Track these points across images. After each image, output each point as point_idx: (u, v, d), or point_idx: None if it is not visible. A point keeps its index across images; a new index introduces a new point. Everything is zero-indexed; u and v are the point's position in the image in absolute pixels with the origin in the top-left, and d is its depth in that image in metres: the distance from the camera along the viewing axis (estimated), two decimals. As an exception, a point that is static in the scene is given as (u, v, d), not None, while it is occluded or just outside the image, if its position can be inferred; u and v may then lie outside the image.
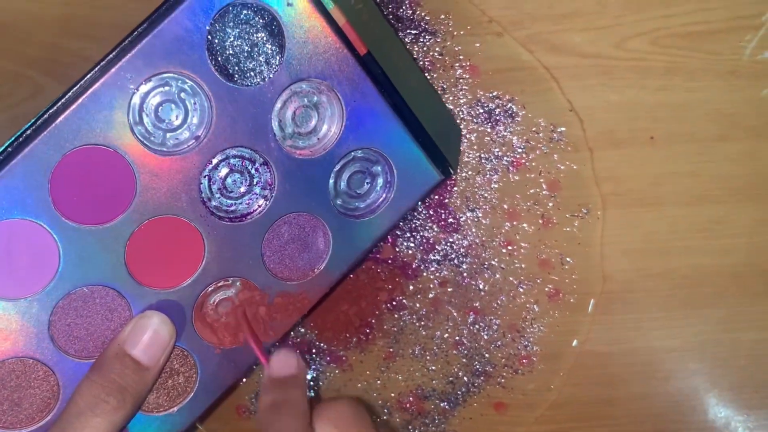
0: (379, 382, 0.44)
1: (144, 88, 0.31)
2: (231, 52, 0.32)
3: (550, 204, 0.41)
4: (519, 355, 0.43)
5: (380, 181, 0.36)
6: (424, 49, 0.40)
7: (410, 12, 0.40)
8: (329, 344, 0.43)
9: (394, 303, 0.42)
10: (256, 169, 0.34)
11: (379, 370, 0.43)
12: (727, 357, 0.42)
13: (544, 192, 0.41)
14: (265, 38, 0.32)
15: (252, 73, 0.32)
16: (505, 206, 0.41)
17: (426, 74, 0.40)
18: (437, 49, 0.40)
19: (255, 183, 0.34)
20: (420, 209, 0.41)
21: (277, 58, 0.32)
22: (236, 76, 0.32)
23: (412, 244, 0.42)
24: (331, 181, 0.35)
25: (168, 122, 0.32)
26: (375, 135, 0.35)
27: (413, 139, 0.35)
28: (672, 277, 0.41)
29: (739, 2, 0.38)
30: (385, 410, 0.44)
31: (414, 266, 0.42)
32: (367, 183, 0.36)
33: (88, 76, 0.30)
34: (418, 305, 0.42)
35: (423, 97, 0.38)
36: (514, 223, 0.41)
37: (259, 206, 0.34)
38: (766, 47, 0.38)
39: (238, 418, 0.45)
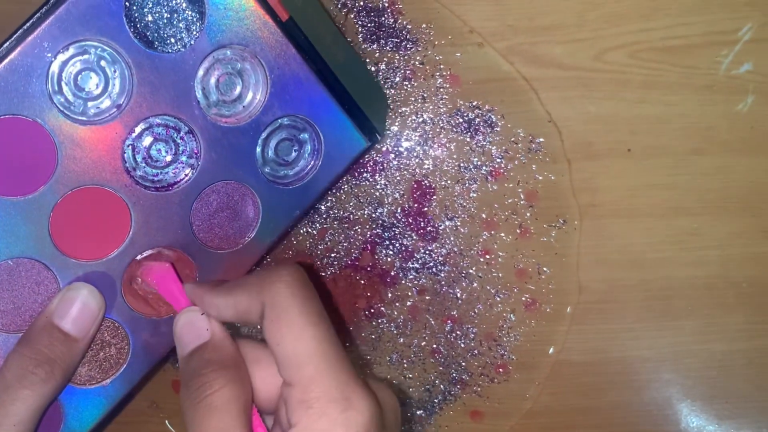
0: (355, 389, 0.43)
1: (62, 57, 0.31)
2: (150, 18, 0.31)
3: (528, 214, 0.41)
4: (495, 363, 0.43)
5: (308, 148, 0.36)
6: (405, 57, 0.40)
7: (392, 20, 0.40)
8: (306, 351, 0.43)
9: (372, 310, 0.43)
10: (182, 138, 0.33)
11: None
12: (700, 367, 0.42)
13: (522, 202, 0.41)
14: (184, 5, 0.32)
15: (172, 40, 0.32)
16: (484, 215, 0.41)
17: (348, 40, 0.40)
18: (418, 58, 0.40)
19: (181, 152, 0.34)
20: (399, 217, 0.41)
21: (198, 24, 0.32)
22: (156, 43, 0.32)
23: (390, 252, 0.42)
24: (259, 149, 0.35)
25: (88, 91, 0.31)
26: (300, 102, 0.35)
27: (339, 106, 0.35)
28: (647, 288, 0.42)
29: (717, 18, 0.39)
30: (362, 418, 0.44)
31: (392, 274, 0.42)
32: (295, 150, 0.36)
33: (4, 45, 0.30)
34: (396, 313, 0.43)
35: (348, 64, 0.38)
36: (492, 232, 0.41)
37: (186, 175, 0.34)
38: (742, 62, 0.39)
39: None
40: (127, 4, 0.31)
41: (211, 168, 0.34)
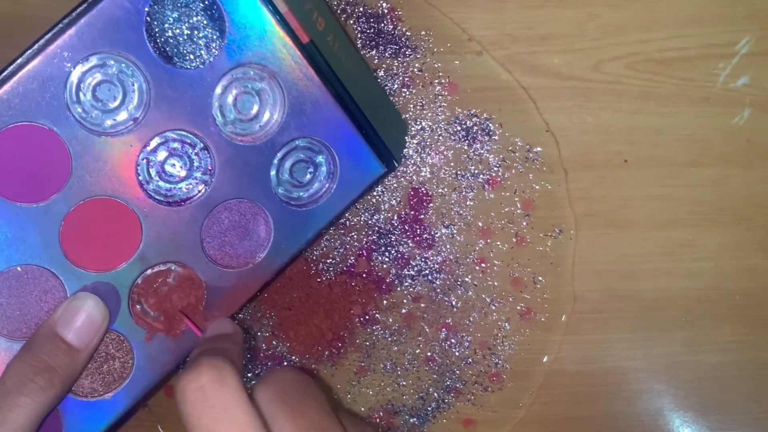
0: (349, 396, 0.43)
1: (82, 68, 0.31)
2: (170, 34, 0.31)
3: (524, 223, 0.41)
4: (489, 372, 0.43)
5: (323, 171, 0.36)
6: (404, 64, 0.40)
7: (391, 27, 0.40)
8: (301, 357, 0.43)
9: (367, 317, 0.42)
10: (197, 154, 0.33)
11: (350, 384, 0.43)
12: (692, 378, 0.43)
13: (518, 211, 0.41)
14: (205, 22, 0.32)
15: (191, 57, 0.32)
16: (480, 224, 0.41)
17: (375, 73, 0.40)
18: (417, 65, 0.40)
19: (195, 168, 0.33)
20: (395, 224, 0.41)
21: (218, 42, 0.32)
22: (175, 58, 0.32)
23: (387, 259, 0.42)
24: (273, 170, 0.35)
25: (106, 102, 0.32)
26: (318, 125, 0.35)
27: (356, 131, 0.35)
28: (640, 298, 0.42)
29: (715, 31, 0.39)
30: (355, 424, 0.44)
31: (388, 281, 0.42)
32: (310, 173, 0.36)
33: (26, 54, 0.30)
34: (390, 320, 0.42)
35: (368, 90, 0.38)
36: (488, 240, 0.41)
37: (199, 191, 0.34)
38: (739, 75, 0.39)
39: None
40: (148, 19, 0.31)
41: (224, 185, 0.34)
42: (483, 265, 0.42)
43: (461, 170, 0.41)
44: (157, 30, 0.31)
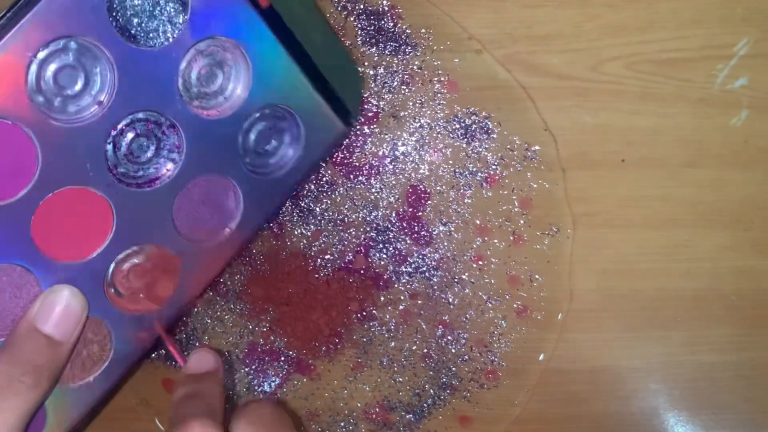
0: (346, 391, 0.44)
1: (41, 55, 0.29)
2: (132, 12, 0.30)
3: (522, 221, 0.41)
4: (485, 369, 0.43)
5: (287, 137, 0.36)
6: (404, 61, 0.40)
7: (391, 24, 0.40)
8: (298, 352, 0.43)
9: (364, 313, 0.43)
10: (163, 132, 0.33)
11: (347, 380, 0.43)
12: (688, 378, 0.43)
13: (516, 209, 0.41)
14: None
15: (155, 33, 0.31)
16: (477, 221, 0.41)
17: (324, 15, 0.39)
18: (416, 62, 0.40)
19: (162, 146, 0.33)
20: (393, 221, 0.41)
21: (181, 16, 0.31)
22: (139, 36, 0.31)
23: (384, 256, 0.42)
24: (240, 141, 0.34)
25: (69, 89, 0.30)
26: (282, 91, 0.34)
27: (319, 94, 0.35)
28: (637, 298, 0.42)
29: (713, 32, 0.39)
30: (351, 420, 0.44)
31: (385, 277, 0.42)
32: (275, 140, 0.36)
33: None
34: (388, 316, 0.43)
35: (325, 46, 0.37)
36: (486, 238, 0.42)
37: (168, 170, 0.33)
38: (737, 77, 0.39)
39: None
40: None
41: (193, 162, 0.33)
42: (480, 262, 0.42)
43: (459, 168, 0.41)
44: (118, 8, 0.30)
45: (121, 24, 0.30)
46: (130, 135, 0.32)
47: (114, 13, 0.30)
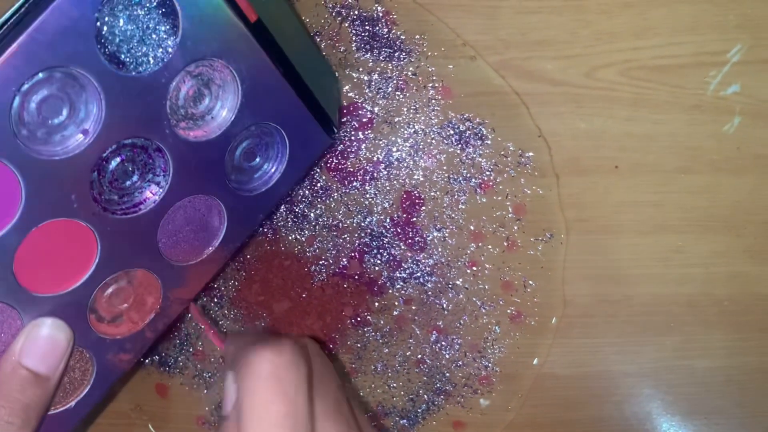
0: (339, 396, 0.44)
1: (25, 87, 0.27)
2: (122, 38, 0.29)
3: (516, 227, 0.41)
4: (479, 375, 0.43)
5: (272, 152, 0.36)
6: (398, 67, 0.40)
7: (386, 30, 0.40)
8: (291, 357, 0.43)
9: (358, 319, 0.43)
10: (149, 156, 0.32)
11: (341, 385, 0.43)
12: (681, 383, 0.43)
13: (509, 215, 0.41)
14: (157, 18, 0.29)
15: (145, 59, 0.29)
16: (472, 227, 0.42)
17: (302, 20, 0.39)
18: (411, 68, 0.40)
19: (148, 170, 0.32)
20: (388, 226, 0.42)
21: (171, 39, 0.30)
22: (128, 63, 0.29)
23: (378, 261, 0.42)
24: (226, 159, 0.34)
25: (53, 120, 0.29)
26: (269, 107, 0.34)
27: (306, 107, 0.35)
28: (630, 303, 0.42)
29: (707, 39, 0.39)
30: (345, 425, 0.44)
31: (380, 283, 0.42)
32: (259, 156, 0.35)
33: None
34: (382, 322, 0.43)
35: (305, 54, 0.37)
36: (480, 244, 0.42)
37: (153, 193, 0.32)
38: (730, 84, 0.39)
39: (198, 430, 0.44)
40: (98, 24, 0.28)
41: (179, 184, 0.32)
42: (474, 268, 0.42)
43: (454, 174, 0.41)
44: (107, 35, 0.28)
45: (110, 51, 0.29)
46: (115, 161, 0.31)
47: (103, 41, 0.28)
